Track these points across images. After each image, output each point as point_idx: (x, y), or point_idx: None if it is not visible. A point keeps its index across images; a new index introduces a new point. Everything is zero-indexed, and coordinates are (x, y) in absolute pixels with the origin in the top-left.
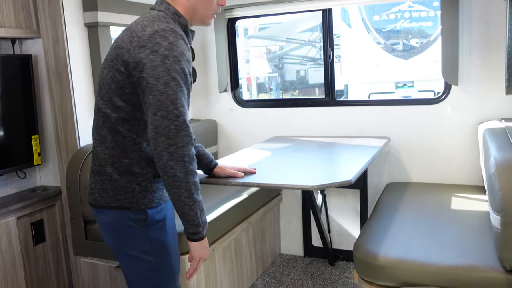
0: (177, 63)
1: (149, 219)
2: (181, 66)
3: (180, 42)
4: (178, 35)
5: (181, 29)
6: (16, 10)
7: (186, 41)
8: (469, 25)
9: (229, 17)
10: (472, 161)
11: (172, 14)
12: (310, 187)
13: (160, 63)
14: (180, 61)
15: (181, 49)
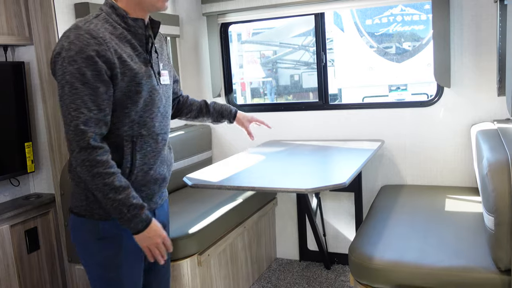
0: (71, 63)
1: (101, 232)
2: (76, 66)
3: (83, 39)
4: (83, 31)
5: (120, 20)
6: (8, 17)
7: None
8: (460, 28)
9: (222, 22)
10: (465, 163)
11: (107, 9)
12: (304, 190)
13: (59, 67)
14: (75, 60)
15: (80, 47)
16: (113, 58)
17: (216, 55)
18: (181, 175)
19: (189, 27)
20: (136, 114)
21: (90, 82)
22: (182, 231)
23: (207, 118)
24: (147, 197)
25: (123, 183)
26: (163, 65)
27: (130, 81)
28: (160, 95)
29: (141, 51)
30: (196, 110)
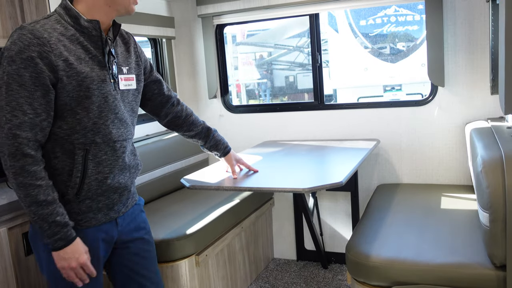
0: (10, 64)
1: None
2: (15, 67)
3: (25, 38)
4: (26, 31)
5: (73, 21)
6: (3, 19)
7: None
8: (454, 27)
9: (217, 24)
10: (460, 161)
11: (60, 10)
12: (301, 190)
13: (1, 67)
14: (14, 61)
15: (20, 47)
16: (56, 61)
17: (211, 56)
18: (177, 176)
19: (184, 28)
20: (90, 120)
21: (27, 84)
22: (180, 232)
23: (201, 142)
24: (106, 207)
25: (48, 198)
26: (129, 69)
27: (78, 85)
28: (118, 100)
29: (95, 54)
30: (195, 132)
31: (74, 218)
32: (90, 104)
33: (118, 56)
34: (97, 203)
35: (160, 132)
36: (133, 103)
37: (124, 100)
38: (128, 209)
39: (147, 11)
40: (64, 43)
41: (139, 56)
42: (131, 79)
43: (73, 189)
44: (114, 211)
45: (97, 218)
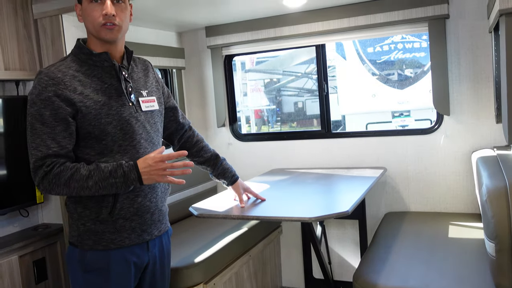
0: (32, 106)
1: (89, 263)
2: (36, 108)
3: (42, 81)
4: (43, 75)
5: (87, 57)
6: (20, 52)
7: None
8: (457, 57)
9: (226, 54)
10: (467, 189)
11: (75, 50)
12: (308, 219)
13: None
14: (35, 103)
15: (39, 90)
16: (71, 95)
17: (220, 86)
18: (186, 204)
19: (194, 59)
20: (115, 144)
21: (48, 121)
22: (188, 260)
23: (210, 170)
24: (139, 227)
25: (90, 167)
26: (149, 92)
27: (97, 113)
28: (142, 121)
29: (111, 83)
30: (204, 158)
31: (108, 238)
32: (113, 129)
33: (136, 81)
34: (130, 222)
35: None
36: (158, 124)
37: (149, 121)
38: (160, 233)
39: (159, 43)
40: (80, 78)
41: (157, 81)
42: (152, 101)
43: (107, 209)
44: (147, 233)
45: (131, 238)
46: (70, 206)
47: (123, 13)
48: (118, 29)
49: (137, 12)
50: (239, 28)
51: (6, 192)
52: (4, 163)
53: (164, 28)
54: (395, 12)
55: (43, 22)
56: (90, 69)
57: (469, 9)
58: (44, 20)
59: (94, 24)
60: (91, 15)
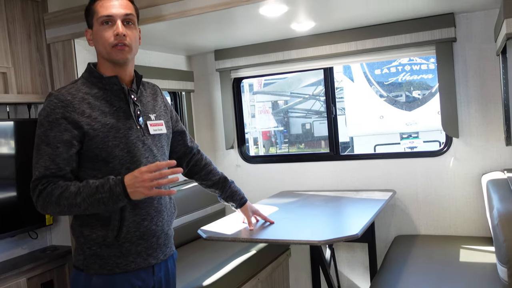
0: (40, 127)
1: (94, 287)
2: (43, 129)
3: (51, 104)
4: (53, 97)
5: (97, 81)
6: (33, 76)
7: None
8: (465, 79)
9: (234, 77)
10: (478, 212)
11: (85, 73)
12: (317, 242)
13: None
14: (42, 124)
15: (48, 111)
16: (79, 117)
17: (229, 108)
18: (194, 226)
19: (203, 82)
20: (122, 167)
21: (51, 142)
22: (197, 283)
23: (218, 193)
24: (145, 251)
25: (80, 184)
26: (157, 115)
27: (105, 136)
28: (149, 145)
29: (120, 106)
30: (212, 181)
31: (114, 262)
32: (120, 152)
33: (145, 104)
34: (136, 246)
35: (178, 182)
36: (165, 147)
37: (156, 144)
38: (166, 257)
39: (169, 66)
40: (89, 101)
41: (166, 105)
42: (160, 125)
43: (113, 232)
44: (153, 257)
45: (136, 262)
46: (76, 230)
47: (133, 34)
48: (128, 50)
49: (148, 37)
50: (248, 51)
51: (16, 213)
52: (15, 185)
53: (174, 52)
54: (402, 36)
55: (55, 46)
56: (99, 92)
57: (476, 33)
58: (56, 44)
59: (105, 45)
60: (102, 37)
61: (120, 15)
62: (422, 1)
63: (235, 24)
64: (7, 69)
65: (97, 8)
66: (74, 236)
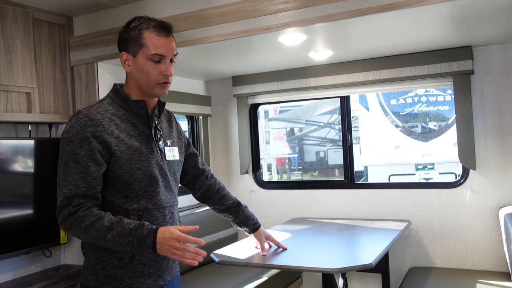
0: (68, 144)
1: None
2: (72, 146)
3: (81, 121)
4: (82, 115)
5: (123, 103)
6: (56, 97)
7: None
8: (483, 111)
9: (251, 103)
10: (495, 246)
11: (112, 94)
12: (330, 270)
13: (60, 149)
14: (72, 141)
15: (77, 129)
16: (108, 138)
17: (245, 133)
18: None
19: (220, 107)
20: (141, 189)
21: (82, 161)
22: None
23: (232, 217)
24: (156, 273)
25: (114, 219)
26: (172, 141)
27: (129, 158)
28: (165, 170)
29: (143, 130)
30: (226, 206)
31: (127, 283)
32: (141, 175)
33: (163, 130)
34: (148, 268)
35: (191, 205)
36: (177, 173)
37: (170, 170)
38: (172, 278)
39: (187, 91)
40: (116, 122)
41: (180, 132)
42: (174, 151)
43: (128, 254)
44: (162, 279)
45: (147, 284)
46: (88, 250)
47: (172, 71)
48: (169, 86)
49: None
50: (265, 78)
51: (32, 231)
52: (32, 203)
53: (193, 77)
54: (419, 67)
55: (79, 68)
56: (125, 114)
57: (493, 66)
58: (80, 67)
59: (150, 80)
60: (149, 72)
61: (171, 56)
62: (440, 34)
63: (254, 51)
64: (32, 89)
65: (149, 42)
66: (86, 255)
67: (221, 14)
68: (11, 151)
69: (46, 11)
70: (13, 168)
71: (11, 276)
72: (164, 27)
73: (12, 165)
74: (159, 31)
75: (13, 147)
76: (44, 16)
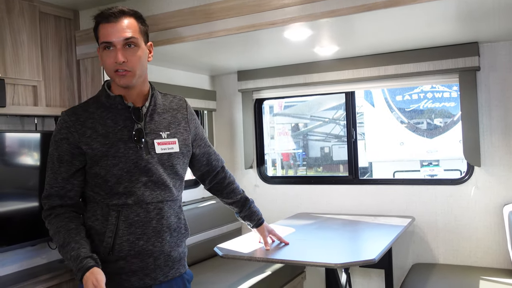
0: (51, 146)
1: None
2: (51, 148)
3: (60, 123)
4: (64, 113)
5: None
6: (62, 90)
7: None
8: (488, 108)
9: (256, 98)
10: (499, 243)
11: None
12: (333, 265)
13: None
14: (52, 143)
15: (56, 131)
16: (79, 138)
17: (249, 128)
18: (210, 244)
19: (225, 101)
20: (120, 185)
21: (56, 161)
22: None
23: (237, 210)
24: (141, 271)
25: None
26: (170, 133)
27: (104, 155)
28: (153, 164)
29: (125, 125)
30: (233, 200)
31: (108, 278)
32: (119, 170)
33: (157, 122)
34: (130, 265)
35: (195, 200)
36: (177, 166)
37: (163, 164)
38: (167, 279)
39: (192, 85)
40: (94, 119)
41: (188, 122)
42: (171, 143)
43: (106, 249)
44: (150, 278)
45: (130, 281)
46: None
47: (135, 57)
48: (131, 74)
49: (173, 56)
50: (270, 73)
51: (37, 224)
52: (37, 195)
53: (198, 71)
54: (425, 63)
55: (85, 62)
56: (105, 111)
57: (500, 62)
58: (86, 60)
59: (108, 70)
60: (105, 62)
61: (119, 41)
62: (446, 30)
63: (260, 46)
64: (38, 82)
65: (100, 32)
66: None
67: (226, 9)
68: (17, 144)
69: (52, 5)
70: (19, 160)
71: (17, 268)
72: (111, 13)
73: (18, 158)
74: (107, 19)
75: (19, 140)
76: (50, 10)
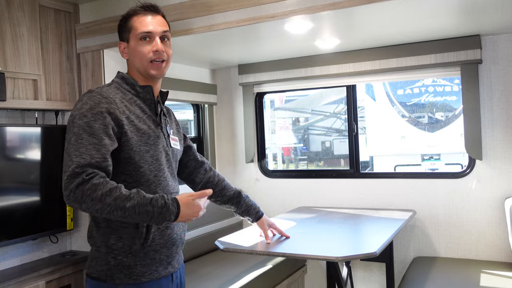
0: (81, 118)
1: None
2: (86, 120)
3: (95, 98)
4: (95, 93)
5: (130, 88)
6: (62, 84)
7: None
8: (490, 102)
9: (257, 92)
10: (501, 237)
11: (118, 80)
12: (334, 258)
13: (70, 125)
14: (85, 115)
15: (91, 105)
16: (121, 117)
17: (250, 122)
18: (211, 238)
19: (226, 95)
20: (151, 173)
21: (96, 133)
22: None
23: (233, 208)
24: (166, 260)
25: (132, 190)
26: (173, 132)
27: (139, 139)
28: (170, 156)
29: (150, 114)
30: (227, 197)
31: (139, 271)
32: (150, 158)
33: (166, 119)
34: (159, 255)
35: None
36: (177, 162)
37: (173, 158)
38: (179, 265)
39: (193, 79)
40: (125, 104)
41: (178, 124)
42: (177, 140)
43: (140, 240)
44: (172, 266)
45: (158, 271)
46: (97, 239)
47: (169, 49)
48: (165, 65)
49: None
50: (271, 67)
51: (39, 218)
52: (38, 189)
53: (199, 65)
54: (427, 56)
55: (85, 56)
56: (133, 98)
57: (502, 55)
58: (86, 54)
59: (143, 60)
60: (141, 52)
61: (158, 32)
62: (448, 23)
63: (260, 39)
64: (38, 76)
65: (135, 24)
66: (94, 246)
67: (227, 2)
68: (17, 138)
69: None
70: (20, 155)
71: (18, 262)
72: (148, 7)
73: (19, 152)
74: (144, 12)
75: (20, 134)
76: (50, 3)
